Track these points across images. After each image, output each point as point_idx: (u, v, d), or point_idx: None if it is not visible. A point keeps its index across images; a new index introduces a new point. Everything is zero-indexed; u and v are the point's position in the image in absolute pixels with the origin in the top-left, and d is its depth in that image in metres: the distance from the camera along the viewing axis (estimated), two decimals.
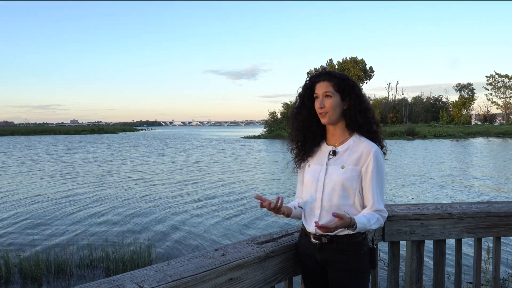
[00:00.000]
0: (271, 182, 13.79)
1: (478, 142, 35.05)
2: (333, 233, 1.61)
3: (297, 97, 1.76)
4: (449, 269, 3.37)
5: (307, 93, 1.71)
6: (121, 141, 47.78)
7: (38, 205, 10.06)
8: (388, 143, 1.80)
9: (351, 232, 1.56)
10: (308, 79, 1.74)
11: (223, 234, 7.51)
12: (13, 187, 13.05)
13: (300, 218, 1.76)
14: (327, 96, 1.63)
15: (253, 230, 7.78)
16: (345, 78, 1.67)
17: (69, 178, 14.96)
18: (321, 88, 1.65)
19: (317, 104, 1.66)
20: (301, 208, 1.75)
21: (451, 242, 2.22)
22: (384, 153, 1.68)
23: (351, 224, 1.50)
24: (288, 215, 1.69)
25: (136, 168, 18.49)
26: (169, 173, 16.32)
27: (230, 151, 29.01)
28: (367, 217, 1.56)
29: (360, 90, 1.68)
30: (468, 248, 4.87)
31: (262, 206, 1.57)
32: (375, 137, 1.67)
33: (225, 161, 21.33)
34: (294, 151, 1.79)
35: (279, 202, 1.57)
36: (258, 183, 13.60)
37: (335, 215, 1.48)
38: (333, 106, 1.63)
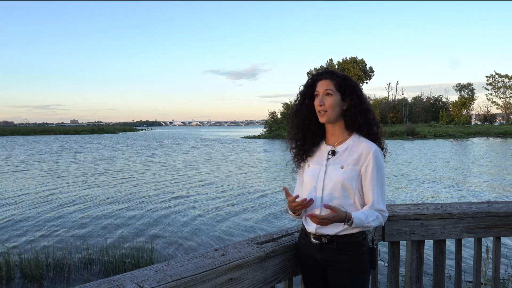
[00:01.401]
0: (270, 182, 13.79)
1: (478, 142, 35.05)
2: (333, 233, 1.61)
3: (298, 95, 1.76)
4: (449, 269, 3.37)
5: (308, 90, 1.71)
6: (120, 141, 47.78)
7: (38, 205, 10.06)
8: (388, 143, 1.80)
9: (347, 227, 1.56)
10: (310, 76, 1.74)
11: (223, 234, 7.51)
12: (12, 187, 13.05)
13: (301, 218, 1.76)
14: (327, 94, 1.63)
15: (253, 230, 7.78)
16: (347, 79, 1.67)
17: (69, 178, 14.97)
18: (322, 86, 1.65)
19: (316, 102, 1.65)
20: None
21: (451, 242, 2.22)
22: (384, 155, 1.68)
23: (346, 218, 1.51)
24: (299, 214, 1.71)
25: (136, 167, 18.49)
26: (169, 173, 16.32)
27: (231, 151, 29.01)
28: (365, 214, 1.56)
29: (361, 91, 1.69)
30: (468, 248, 4.87)
31: (289, 199, 1.60)
32: (376, 139, 1.67)
33: (225, 162, 21.33)
34: (294, 150, 1.79)
35: (308, 202, 1.56)
36: (259, 183, 13.59)
37: (326, 206, 1.48)
38: (333, 105, 1.62)
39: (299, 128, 1.73)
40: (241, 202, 10.37)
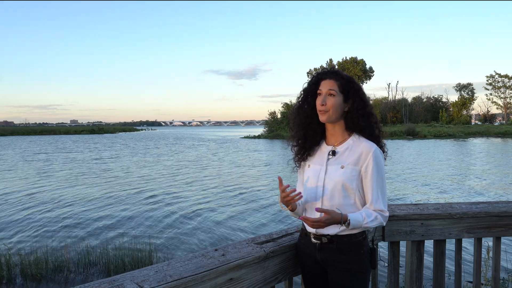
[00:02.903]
0: (270, 182, 13.79)
1: (478, 142, 35.04)
2: (334, 233, 1.61)
3: (301, 92, 1.75)
4: (449, 269, 3.37)
5: (312, 88, 1.70)
6: (119, 141, 47.78)
7: (38, 206, 10.06)
8: (388, 143, 1.80)
9: (345, 228, 1.56)
10: (314, 74, 1.72)
11: (223, 234, 7.51)
12: (11, 187, 13.05)
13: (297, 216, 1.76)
14: (330, 94, 1.62)
15: (253, 230, 7.78)
16: (351, 81, 1.66)
17: (68, 178, 14.96)
18: (326, 86, 1.64)
19: (318, 101, 1.65)
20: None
21: (451, 242, 2.22)
22: (384, 158, 1.68)
23: (342, 220, 1.51)
24: (293, 209, 1.68)
25: (136, 167, 18.49)
26: (169, 173, 16.31)
27: (231, 152, 29.01)
28: (363, 215, 1.56)
29: (364, 94, 1.68)
30: (468, 248, 4.87)
31: (281, 188, 1.58)
32: (377, 142, 1.67)
33: (225, 162, 21.33)
34: (295, 149, 1.78)
35: (296, 195, 1.56)
36: (259, 183, 13.58)
37: (318, 210, 1.49)
38: (335, 106, 1.62)
39: (301, 126, 1.73)
40: (241, 202, 10.36)
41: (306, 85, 1.74)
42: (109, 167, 18.74)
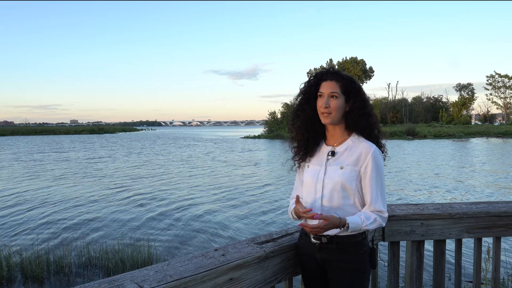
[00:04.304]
0: (270, 182, 13.79)
1: (478, 142, 35.04)
2: (333, 233, 1.61)
3: (300, 93, 1.72)
4: (449, 269, 3.37)
5: (312, 90, 1.68)
6: (118, 141, 47.79)
7: (38, 206, 10.06)
8: (388, 143, 1.80)
9: (345, 232, 1.56)
10: (313, 75, 1.70)
11: (223, 234, 7.51)
12: (11, 188, 13.05)
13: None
14: (333, 96, 1.61)
15: (253, 230, 7.78)
16: (352, 81, 1.65)
17: (68, 178, 14.97)
18: (328, 88, 1.62)
19: (320, 103, 1.63)
20: None
21: (451, 242, 2.22)
22: (384, 159, 1.67)
23: (341, 224, 1.51)
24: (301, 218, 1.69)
25: (136, 168, 18.49)
26: (169, 173, 16.32)
27: (232, 152, 29.01)
28: (362, 217, 1.56)
29: (365, 94, 1.67)
30: (468, 248, 4.87)
31: (297, 206, 1.60)
32: (376, 142, 1.67)
33: (225, 162, 21.34)
34: (295, 150, 1.77)
35: (314, 215, 1.53)
36: (259, 183, 13.58)
37: (317, 217, 1.48)
38: (338, 108, 1.61)
39: (303, 128, 1.71)
40: (241, 202, 10.36)
41: (305, 86, 1.72)
42: (109, 167, 18.75)
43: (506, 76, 67.10)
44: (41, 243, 6.89)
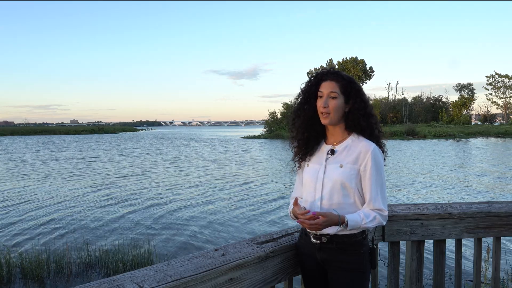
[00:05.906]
0: (270, 182, 13.79)
1: (478, 142, 35.03)
2: (333, 233, 1.61)
3: (301, 93, 1.73)
4: (449, 269, 3.37)
5: (312, 90, 1.68)
6: (118, 141, 47.81)
7: (38, 206, 10.06)
8: (388, 143, 1.80)
9: (344, 229, 1.56)
10: (313, 75, 1.70)
11: (223, 234, 7.51)
12: (11, 188, 13.05)
13: None
14: (332, 97, 1.61)
15: (253, 230, 7.78)
16: (352, 81, 1.66)
17: (67, 178, 14.97)
18: (327, 88, 1.63)
19: (320, 103, 1.64)
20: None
21: (451, 242, 2.22)
22: (384, 158, 1.67)
23: (340, 221, 1.51)
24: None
25: (136, 168, 18.49)
26: (169, 173, 16.32)
27: (231, 152, 29.01)
28: (362, 215, 1.56)
29: (365, 95, 1.68)
30: (468, 248, 4.87)
31: (295, 208, 1.60)
32: (377, 142, 1.67)
33: (224, 162, 21.33)
34: (295, 149, 1.78)
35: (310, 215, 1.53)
36: (259, 183, 13.58)
37: (315, 215, 1.48)
38: (337, 108, 1.61)
39: (303, 128, 1.72)
40: (241, 202, 10.36)
41: (306, 85, 1.72)
42: (108, 168, 18.74)
43: (506, 76, 67.10)
44: (41, 243, 6.89)
